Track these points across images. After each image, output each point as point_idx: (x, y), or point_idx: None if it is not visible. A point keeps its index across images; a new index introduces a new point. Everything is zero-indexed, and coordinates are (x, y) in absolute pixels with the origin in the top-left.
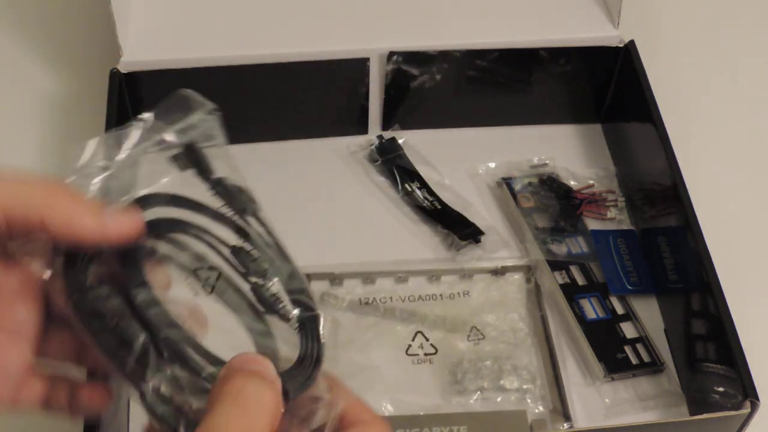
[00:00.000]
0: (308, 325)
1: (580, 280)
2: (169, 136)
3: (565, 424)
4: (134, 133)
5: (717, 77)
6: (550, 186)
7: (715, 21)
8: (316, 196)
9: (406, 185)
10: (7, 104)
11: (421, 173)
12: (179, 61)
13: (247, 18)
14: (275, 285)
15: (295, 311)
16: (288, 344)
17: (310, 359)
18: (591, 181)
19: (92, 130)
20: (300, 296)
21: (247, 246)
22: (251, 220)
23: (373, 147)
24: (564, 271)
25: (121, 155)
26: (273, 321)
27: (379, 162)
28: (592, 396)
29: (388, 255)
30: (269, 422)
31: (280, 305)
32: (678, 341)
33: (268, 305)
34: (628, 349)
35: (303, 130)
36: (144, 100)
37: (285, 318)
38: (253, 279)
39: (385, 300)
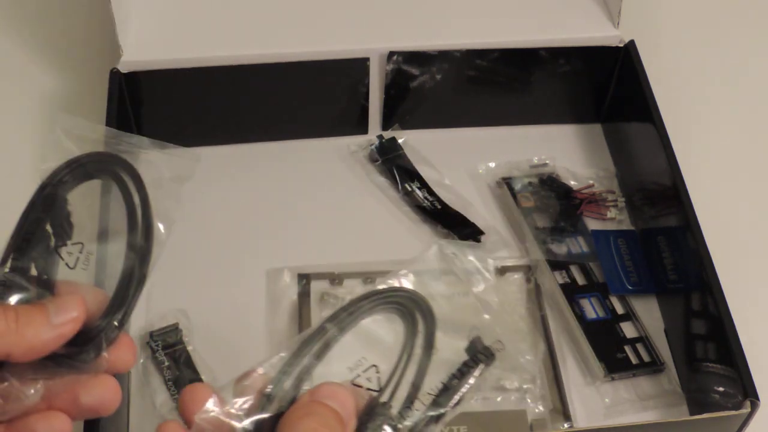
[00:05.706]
0: None
1: (580, 280)
2: None
3: (565, 424)
4: None
5: (717, 77)
6: (550, 186)
7: (715, 21)
8: (316, 196)
9: (406, 185)
10: (7, 104)
11: (421, 173)
12: (179, 61)
13: (247, 18)
14: None
15: None
16: None
17: None
18: (591, 181)
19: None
20: None
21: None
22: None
23: (373, 147)
24: (564, 271)
25: None
26: None
27: (379, 162)
28: (592, 396)
29: (388, 255)
30: None
31: None
32: (678, 341)
33: None
34: (628, 349)
35: (303, 130)
36: (144, 100)
37: None
38: None
39: None
